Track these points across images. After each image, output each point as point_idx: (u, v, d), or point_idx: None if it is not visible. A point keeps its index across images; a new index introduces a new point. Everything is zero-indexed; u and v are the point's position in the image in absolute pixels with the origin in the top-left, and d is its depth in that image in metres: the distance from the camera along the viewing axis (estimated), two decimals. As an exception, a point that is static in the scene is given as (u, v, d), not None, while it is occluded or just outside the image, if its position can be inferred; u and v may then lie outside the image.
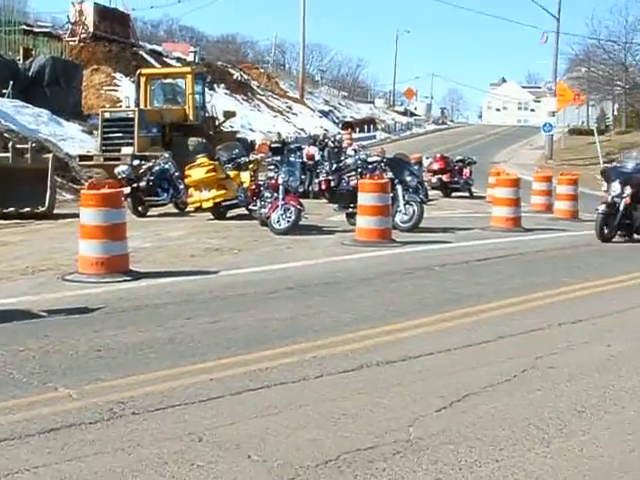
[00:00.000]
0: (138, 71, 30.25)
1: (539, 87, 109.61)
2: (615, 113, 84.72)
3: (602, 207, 15.15)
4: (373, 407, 5.56)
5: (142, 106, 27.72)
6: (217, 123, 30.59)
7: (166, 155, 20.70)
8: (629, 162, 16.08)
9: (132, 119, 25.92)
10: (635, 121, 76.65)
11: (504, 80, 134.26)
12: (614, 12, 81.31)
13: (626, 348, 7.41)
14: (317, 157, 25.17)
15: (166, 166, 19.82)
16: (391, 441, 4.94)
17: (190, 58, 52.25)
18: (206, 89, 30.88)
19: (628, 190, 14.96)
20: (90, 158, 26.01)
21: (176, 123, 27.81)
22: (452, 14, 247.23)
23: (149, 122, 26.55)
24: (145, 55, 47.54)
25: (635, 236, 15.41)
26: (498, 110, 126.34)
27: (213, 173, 17.86)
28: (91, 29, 44.78)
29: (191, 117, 28.30)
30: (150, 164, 20.03)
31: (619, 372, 6.60)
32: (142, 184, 19.04)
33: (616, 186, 15.13)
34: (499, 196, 17.82)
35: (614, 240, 15.31)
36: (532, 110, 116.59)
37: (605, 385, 6.21)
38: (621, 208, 15.03)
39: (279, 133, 36.92)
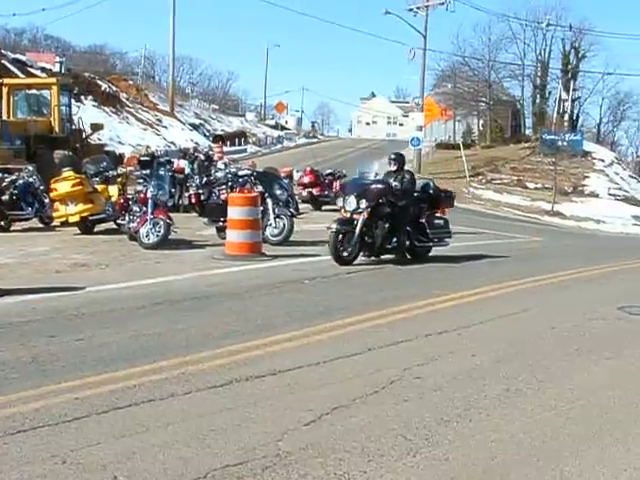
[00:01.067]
0: (0, 81, 29.37)
1: (407, 102, 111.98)
2: (480, 128, 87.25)
3: (335, 225, 13.48)
4: (242, 422, 5.52)
5: (4, 117, 26.96)
6: (84, 135, 30.01)
7: (30, 168, 20.11)
8: (367, 174, 15.31)
9: (-6, 131, 25.13)
10: (499, 136, 79.15)
11: (374, 95, 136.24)
12: (477, 30, 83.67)
13: (489, 357, 7.61)
14: (187, 170, 25.00)
15: (30, 179, 19.25)
16: (260, 456, 4.92)
17: (56, 68, 50.95)
18: (73, 100, 30.30)
19: (364, 204, 13.55)
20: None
21: (41, 135, 27.12)
22: (322, 29, 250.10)
23: (12, 134, 25.82)
24: (8, 64, 46.12)
25: (386, 256, 14.30)
26: (368, 124, 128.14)
27: (80, 187, 17.48)
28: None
29: (57, 129, 27.67)
30: (13, 177, 19.40)
31: (484, 381, 6.77)
32: (5, 198, 18.42)
33: (351, 200, 13.72)
34: (368, 209, 18.04)
35: (361, 261, 13.83)
36: (401, 124, 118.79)
37: (470, 394, 6.36)
38: (359, 225, 13.49)
39: (148, 146, 36.52)
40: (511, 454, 5.12)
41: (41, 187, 19.16)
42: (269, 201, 16.29)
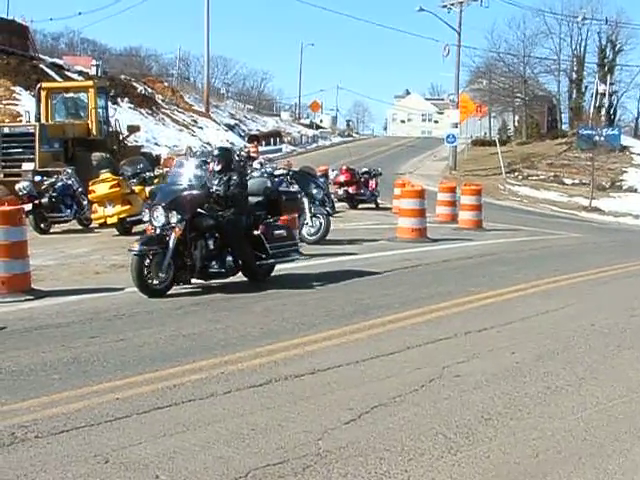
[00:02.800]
0: (38, 85, 29.67)
1: (442, 99, 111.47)
2: (516, 124, 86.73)
3: (138, 245, 10.34)
4: (282, 421, 5.54)
5: (43, 121, 27.19)
6: (121, 137, 30.17)
7: (69, 170, 20.33)
8: (179, 176, 11.55)
9: (33, 134, 25.37)
10: (535, 132, 78.62)
11: (408, 92, 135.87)
12: (512, 26, 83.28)
13: (530, 355, 7.55)
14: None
15: (69, 182, 19.48)
16: (301, 455, 4.92)
17: (92, 71, 51.49)
18: (109, 103, 30.47)
19: (175, 217, 10.53)
20: (-10, 175, 25.37)
21: (79, 138, 27.32)
22: (356, 27, 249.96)
23: (51, 137, 26.02)
24: (46, 68, 46.67)
25: (202, 280, 11.19)
26: (403, 122, 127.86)
27: (117, 188, 17.66)
28: (-13, 42, 43.79)
29: (94, 132, 27.84)
30: (52, 180, 19.65)
31: (523, 379, 6.73)
32: (44, 200, 18.67)
33: (159, 213, 10.64)
34: (405, 207, 18.04)
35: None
36: (436, 122, 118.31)
37: (510, 392, 6.32)
38: (171, 244, 10.46)
39: (190, 147, 36.70)
40: (552, 452, 5.08)
41: (79, 189, 19.38)
42: (305, 200, 16.29)
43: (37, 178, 19.88)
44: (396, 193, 24.65)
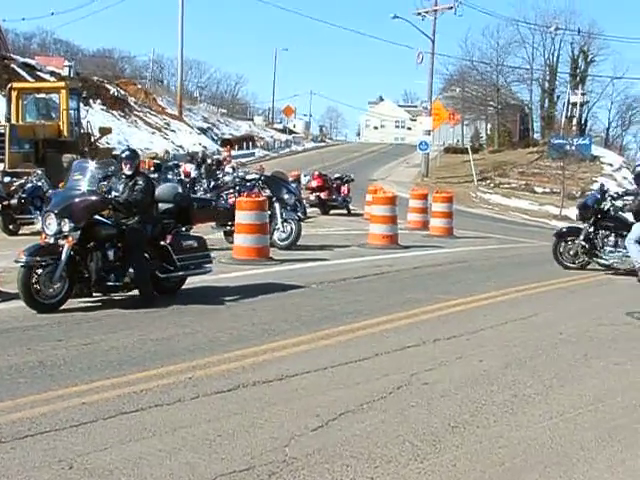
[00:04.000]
0: (9, 85, 29.49)
1: (415, 106, 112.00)
2: (488, 132, 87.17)
3: (25, 256, 9.39)
4: (249, 428, 5.52)
5: (13, 121, 27.02)
6: (92, 139, 30.07)
7: (39, 172, 20.17)
8: (79, 181, 10.36)
9: (2, 134, 25.25)
10: (507, 140, 79.06)
11: (382, 99, 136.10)
12: (486, 35, 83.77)
13: (498, 363, 7.58)
14: (193, 174, 25.07)
15: (39, 183, 19.30)
16: (267, 462, 4.91)
17: (65, 72, 51.07)
18: (81, 104, 30.31)
19: (67, 225, 9.58)
20: (-43, 175, 25.13)
21: (50, 139, 27.18)
22: (330, 33, 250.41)
23: (21, 138, 25.89)
24: (17, 68, 46.32)
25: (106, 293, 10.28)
26: (376, 128, 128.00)
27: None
28: (-43, 40, 43.41)
29: (65, 133, 27.71)
30: (22, 181, 19.49)
31: (491, 387, 6.75)
32: (13, 202, 18.50)
33: (52, 220, 9.69)
34: (376, 213, 18.07)
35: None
36: (409, 128, 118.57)
37: (477, 400, 6.34)
38: (64, 255, 9.50)
39: (167, 151, 36.61)
40: (519, 460, 5.10)
41: (50, 191, 19.19)
42: (277, 205, 16.31)
43: (6, 179, 19.74)
44: (368, 199, 24.71)
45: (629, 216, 14.38)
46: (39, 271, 9.43)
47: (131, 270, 10.05)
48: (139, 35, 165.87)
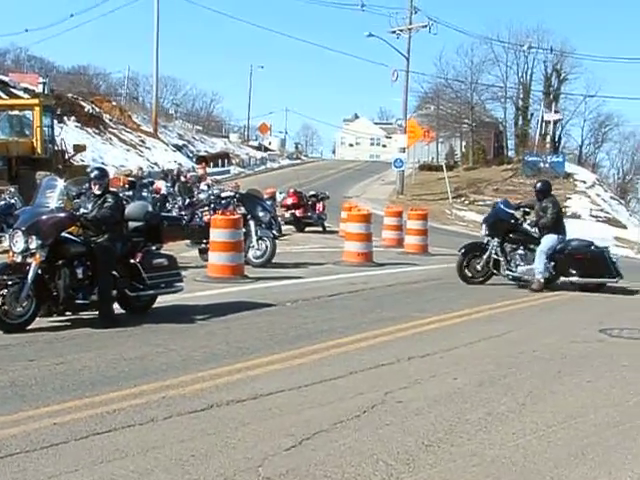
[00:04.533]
0: (-18, 101, 29.33)
1: (391, 124, 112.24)
2: (463, 150, 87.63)
3: None
4: (223, 447, 5.48)
5: (-14, 138, 26.86)
6: (67, 157, 29.93)
7: (12, 189, 20.06)
8: (47, 198, 10.26)
9: (-25, 152, 25.06)
10: (481, 157, 79.51)
11: (357, 116, 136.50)
12: (460, 53, 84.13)
13: (472, 380, 7.60)
14: (164, 191, 25.03)
15: (12, 201, 19.17)
16: (240, 482, 4.88)
17: (39, 89, 50.81)
18: (55, 121, 30.17)
19: (35, 242, 9.49)
20: None
21: (23, 156, 27.03)
22: (306, 51, 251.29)
23: (-6, 154, 25.71)
24: (-10, 85, 46.09)
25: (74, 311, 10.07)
26: (351, 145, 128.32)
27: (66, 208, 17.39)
28: None
29: (39, 150, 27.58)
30: (-5, 199, 19.34)
31: (465, 405, 6.75)
32: (-14, 219, 18.34)
33: (19, 238, 9.61)
34: (351, 231, 18.09)
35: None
36: (384, 146, 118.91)
37: (451, 418, 6.34)
38: (31, 273, 9.36)
39: (141, 168, 36.52)
40: (492, 479, 5.10)
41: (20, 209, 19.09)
42: (252, 223, 16.30)
43: (-21, 197, 19.57)
44: (343, 217, 24.74)
45: (529, 228, 15.04)
46: (5, 290, 9.26)
47: (94, 289, 9.92)
48: (114, 52, 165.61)
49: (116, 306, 10.38)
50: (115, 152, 50.95)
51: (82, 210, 10.33)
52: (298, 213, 27.52)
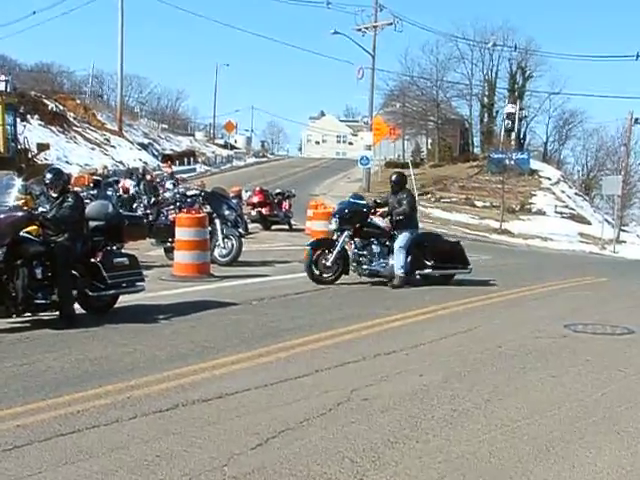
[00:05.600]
0: (-58, 100, 29.00)
1: (357, 121, 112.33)
2: (429, 147, 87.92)
3: None
4: (188, 447, 5.46)
5: (-53, 137, 26.57)
6: (30, 155, 29.68)
7: (-26, 189, 19.80)
8: (4, 197, 10.32)
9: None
10: (447, 155, 79.82)
11: (323, 114, 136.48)
12: (426, 51, 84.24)
13: (437, 377, 7.63)
14: (132, 190, 24.88)
15: (-26, 200, 18.95)
16: (206, 482, 4.86)
17: (1, 87, 50.28)
18: (18, 120, 29.93)
19: None
20: None
21: (-15, 155, 26.78)
22: (271, 48, 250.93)
23: (-46, 154, 25.46)
24: (-48, 83, 45.48)
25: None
26: (318, 143, 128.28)
27: (24, 207, 17.23)
28: None
29: (1, 149, 27.37)
30: (-44, 198, 19.11)
31: (431, 401, 6.78)
32: (-53, 219, 18.12)
33: None
34: (317, 229, 18.15)
35: None
36: (350, 143, 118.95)
37: (417, 415, 6.36)
38: None
39: (105, 166, 36.29)
40: (457, 475, 5.12)
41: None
42: (217, 221, 16.26)
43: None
44: (309, 214, 24.75)
45: (380, 222, 14.70)
46: None
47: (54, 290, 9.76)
48: (78, 50, 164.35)
49: (77, 306, 10.28)
50: (80, 151, 50.54)
51: (41, 209, 10.19)
52: (264, 211, 27.52)
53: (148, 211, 22.07)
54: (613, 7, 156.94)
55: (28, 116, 40.57)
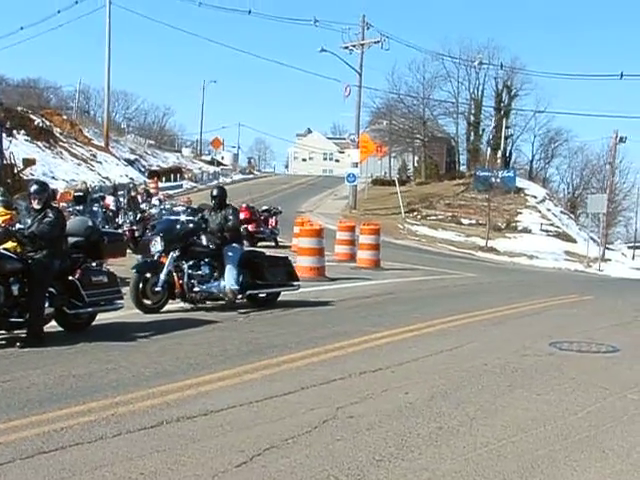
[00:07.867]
0: None
1: (344, 138, 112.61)
2: (415, 165, 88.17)
3: None
4: (172, 465, 5.43)
5: None
6: (16, 170, 29.60)
7: (-41, 204, 19.71)
8: None
9: None
10: (434, 172, 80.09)
11: (310, 131, 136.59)
12: (412, 69, 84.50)
13: (423, 395, 7.61)
14: (112, 207, 24.87)
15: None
16: (190, 500, 4.83)
17: (-13, 103, 50.25)
18: (4, 135, 29.85)
19: None
20: None
21: (-30, 170, 26.71)
22: (258, 65, 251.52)
23: (-61, 169, 25.37)
24: (-63, 99, 45.40)
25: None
26: (304, 160, 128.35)
27: (2, 224, 17.17)
28: None
29: (-13, 164, 27.25)
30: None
31: (416, 419, 6.76)
32: None
33: None
34: (303, 246, 18.11)
35: None
36: (337, 161, 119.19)
37: (403, 433, 6.34)
38: None
39: (84, 182, 36.16)
40: (443, 493, 5.11)
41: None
42: (204, 237, 16.19)
43: None
44: (296, 231, 24.75)
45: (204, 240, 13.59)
46: None
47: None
48: (65, 65, 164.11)
49: (54, 324, 10.20)
50: (66, 166, 50.36)
51: (18, 225, 10.07)
52: (250, 228, 27.47)
53: (134, 227, 22.06)
54: (597, 26, 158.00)
55: (14, 131, 40.39)
